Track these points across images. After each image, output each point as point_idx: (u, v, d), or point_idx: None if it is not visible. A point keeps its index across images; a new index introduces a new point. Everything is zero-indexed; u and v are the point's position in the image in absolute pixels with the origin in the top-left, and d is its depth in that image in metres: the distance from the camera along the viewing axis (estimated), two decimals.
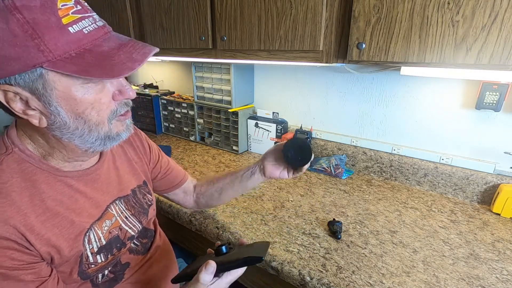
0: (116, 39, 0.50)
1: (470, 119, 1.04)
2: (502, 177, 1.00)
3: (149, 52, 0.50)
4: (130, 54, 0.48)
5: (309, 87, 1.37)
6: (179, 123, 1.75)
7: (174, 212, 1.03)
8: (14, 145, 0.53)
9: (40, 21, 0.42)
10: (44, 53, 0.43)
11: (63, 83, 0.46)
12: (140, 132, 0.80)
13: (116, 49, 0.48)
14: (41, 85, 0.45)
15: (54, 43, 0.44)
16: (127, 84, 0.55)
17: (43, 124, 0.49)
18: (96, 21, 0.49)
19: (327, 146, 1.35)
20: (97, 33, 0.48)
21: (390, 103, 1.18)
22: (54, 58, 0.44)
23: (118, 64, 0.47)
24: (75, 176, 0.58)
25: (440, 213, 0.99)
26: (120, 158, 0.71)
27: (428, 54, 0.74)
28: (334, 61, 0.91)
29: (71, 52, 0.45)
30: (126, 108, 0.57)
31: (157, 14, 1.28)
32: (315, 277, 0.72)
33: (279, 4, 0.93)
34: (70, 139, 0.52)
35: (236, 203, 1.04)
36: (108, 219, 0.63)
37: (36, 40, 0.42)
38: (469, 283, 0.70)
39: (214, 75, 1.47)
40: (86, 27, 0.47)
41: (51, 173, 0.55)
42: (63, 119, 0.49)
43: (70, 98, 0.48)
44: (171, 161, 0.87)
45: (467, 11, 0.67)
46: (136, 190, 0.72)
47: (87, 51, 0.46)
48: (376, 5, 0.77)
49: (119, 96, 0.54)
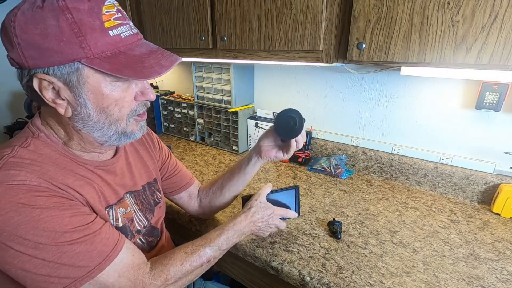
0: (147, 46, 0.56)
1: (470, 119, 1.04)
2: (502, 177, 1.00)
3: (175, 60, 0.55)
4: (158, 60, 0.54)
5: (309, 87, 1.37)
6: (179, 123, 1.75)
7: (174, 212, 1.03)
8: (40, 130, 0.57)
9: (86, 22, 0.48)
10: (84, 50, 0.48)
11: (95, 78, 0.51)
12: (152, 132, 0.85)
13: (147, 54, 0.54)
14: (75, 78, 0.50)
15: (94, 43, 0.49)
16: (149, 87, 0.60)
17: (68, 113, 0.53)
18: (132, 28, 0.55)
19: (327, 146, 1.35)
20: (132, 39, 0.54)
21: (390, 103, 1.18)
22: (92, 55, 0.49)
23: (147, 68, 0.52)
24: (94, 165, 0.62)
25: (440, 213, 0.99)
26: (133, 156, 0.74)
27: (428, 54, 0.74)
28: (334, 61, 0.91)
29: (107, 52, 0.50)
30: (144, 108, 0.62)
31: (157, 14, 1.28)
32: (315, 277, 0.72)
33: (279, 4, 0.93)
34: (89, 131, 0.56)
35: (236, 203, 1.04)
36: (123, 207, 0.66)
37: (80, 38, 0.48)
38: (469, 283, 0.70)
39: (214, 75, 1.47)
40: (123, 32, 0.52)
41: (73, 159, 0.58)
42: (88, 111, 0.53)
43: (99, 92, 0.52)
44: (180, 164, 0.89)
45: (467, 11, 0.67)
46: (146, 187, 0.75)
47: (122, 53, 0.52)
48: (376, 5, 0.77)
49: (141, 97, 0.58)
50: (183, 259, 0.62)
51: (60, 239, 0.49)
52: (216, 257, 0.69)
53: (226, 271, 1.00)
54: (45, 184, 0.50)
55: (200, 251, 0.65)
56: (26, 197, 0.48)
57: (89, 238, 0.52)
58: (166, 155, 0.85)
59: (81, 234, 0.51)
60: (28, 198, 0.48)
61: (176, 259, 0.62)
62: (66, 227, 0.50)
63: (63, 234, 0.49)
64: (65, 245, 0.49)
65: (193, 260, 0.63)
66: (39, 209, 0.48)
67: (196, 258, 0.64)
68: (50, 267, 0.48)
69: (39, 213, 0.48)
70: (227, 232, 0.70)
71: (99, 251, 0.52)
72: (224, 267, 1.00)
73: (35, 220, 0.47)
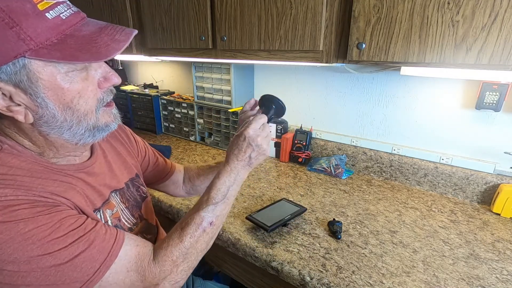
0: (94, 24, 0.49)
1: (470, 119, 1.04)
2: (502, 177, 1.00)
3: (130, 33, 0.50)
4: (112, 36, 0.48)
5: (309, 87, 1.36)
6: (179, 123, 1.75)
7: (174, 212, 1.03)
8: (2, 142, 0.50)
9: (15, 8, 0.41)
10: (25, 42, 0.41)
11: (47, 71, 0.45)
12: (125, 126, 0.81)
13: (97, 32, 0.47)
14: (25, 76, 0.44)
15: (33, 30, 0.42)
16: (111, 70, 0.54)
17: (29, 119, 0.47)
18: (70, 7, 0.47)
19: (327, 146, 1.35)
20: (74, 19, 0.47)
21: (390, 103, 1.18)
22: (36, 46, 0.42)
23: (103, 46, 0.46)
24: (73, 169, 0.57)
25: (440, 213, 0.99)
26: (110, 153, 0.71)
27: (428, 54, 0.74)
28: (334, 61, 0.91)
29: (52, 38, 0.44)
30: (111, 96, 0.56)
31: (157, 14, 1.28)
32: (315, 277, 0.72)
33: (279, 4, 0.93)
34: (58, 133, 0.50)
35: (236, 203, 1.04)
36: (109, 209, 0.63)
37: (15, 28, 0.41)
38: (469, 283, 0.70)
39: (214, 75, 1.47)
40: (63, 12, 0.45)
41: (48, 167, 0.52)
42: (51, 111, 0.47)
43: (57, 87, 0.46)
44: (157, 153, 0.88)
45: (467, 11, 0.67)
46: (129, 184, 0.72)
47: (68, 36, 0.45)
48: (376, 5, 0.77)
49: (105, 83, 0.53)
50: (181, 235, 0.57)
51: (53, 248, 0.45)
52: (218, 215, 0.61)
53: (226, 271, 1.00)
54: (24, 196, 0.45)
55: (195, 219, 0.59)
56: (5, 214, 0.43)
57: (86, 239, 0.48)
58: (144, 149, 0.83)
59: (76, 237, 0.47)
60: (7, 214, 0.43)
61: (174, 238, 0.57)
62: (57, 234, 0.46)
63: (55, 241, 0.45)
64: (61, 252, 0.45)
65: (191, 231, 0.58)
66: (22, 222, 0.43)
67: (193, 227, 0.58)
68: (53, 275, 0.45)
69: (23, 226, 0.43)
70: (215, 183, 0.62)
71: (100, 248, 0.49)
72: (224, 267, 0.99)
73: (21, 234, 0.43)
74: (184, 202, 1.05)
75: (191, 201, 1.06)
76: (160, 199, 1.08)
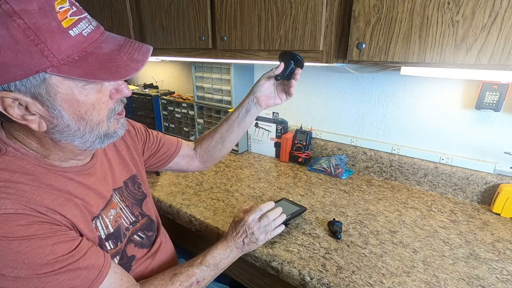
0: (113, 40, 0.51)
1: (470, 119, 1.04)
2: (502, 177, 1.00)
3: (147, 52, 0.52)
4: (131, 55, 0.50)
5: (309, 87, 1.36)
6: (179, 123, 1.75)
7: (174, 212, 1.03)
8: (7, 145, 0.51)
9: (41, 25, 0.42)
10: (48, 58, 0.43)
11: (66, 85, 0.47)
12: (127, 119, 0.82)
13: (117, 50, 0.49)
14: (44, 90, 0.45)
15: (57, 48, 0.43)
16: (123, 82, 0.55)
17: (42, 128, 0.49)
18: (91, 22, 0.49)
19: (327, 146, 1.35)
20: (95, 35, 0.48)
21: (390, 103, 1.18)
22: (58, 62, 0.44)
23: (122, 66, 0.48)
24: (74, 172, 0.58)
25: (440, 213, 0.99)
26: (111, 150, 0.72)
27: (428, 54, 0.74)
28: (334, 61, 0.91)
29: (74, 56, 0.45)
30: (122, 106, 0.58)
31: (157, 14, 1.28)
32: (315, 277, 0.72)
33: (279, 4, 0.93)
34: (70, 140, 0.52)
35: (236, 203, 1.04)
36: (112, 209, 0.64)
37: (40, 45, 0.42)
38: (469, 283, 0.70)
39: (214, 75, 1.47)
40: (85, 29, 0.47)
41: (50, 169, 0.54)
42: (66, 121, 0.49)
43: (74, 100, 0.48)
44: (160, 134, 0.88)
45: (467, 11, 0.67)
46: (128, 182, 0.73)
47: (89, 53, 0.47)
48: (376, 5, 0.77)
49: (116, 95, 0.54)
50: (173, 279, 0.63)
51: (42, 270, 0.46)
52: (205, 277, 0.68)
53: (226, 271, 0.99)
54: (23, 210, 0.46)
55: (188, 271, 0.65)
56: (3, 229, 0.44)
57: (73, 267, 0.49)
58: (144, 133, 0.83)
59: (65, 263, 0.48)
60: (5, 229, 0.44)
61: (166, 279, 0.63)
62: (48, 258, 0.47)
63: (44, 265, 0.46)
64: (47, 276, 0.46)
65: (182, 279, 0.64)
66: (17, 241, 0.44)
67: (185, 277, 0.64)
68: None
69: (17, 245, 0.44)
70: (212, 251, 0.71)
71: (84, 278, 0.50)
72: None
73: (14, 253, 0.44)
74: (184, 202, 1.05)
75: (191, 201, 1.06)
76: (160, 199, 1.08)
